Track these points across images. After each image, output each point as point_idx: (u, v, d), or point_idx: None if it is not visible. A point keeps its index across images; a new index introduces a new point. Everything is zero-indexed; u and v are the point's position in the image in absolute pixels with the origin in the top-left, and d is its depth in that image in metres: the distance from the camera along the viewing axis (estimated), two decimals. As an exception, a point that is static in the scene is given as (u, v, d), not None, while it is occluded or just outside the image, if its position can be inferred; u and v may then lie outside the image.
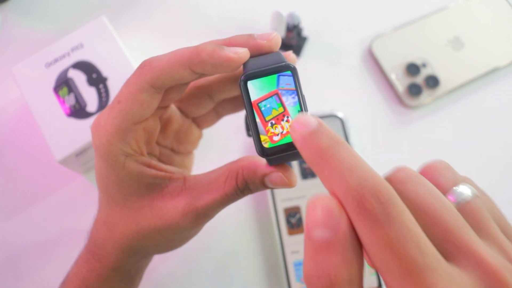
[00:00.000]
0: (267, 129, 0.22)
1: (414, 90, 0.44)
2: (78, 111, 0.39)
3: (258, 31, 0.48)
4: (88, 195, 0.41)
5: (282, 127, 0.22)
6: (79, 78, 0.39)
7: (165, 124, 0.30)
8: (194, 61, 0.24)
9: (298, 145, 0.18)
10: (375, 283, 0.38)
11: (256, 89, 0.22)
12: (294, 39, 0.46)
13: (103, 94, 0.39)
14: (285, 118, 0.22)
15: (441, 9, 0.48)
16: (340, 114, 0.43)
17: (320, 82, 0.46)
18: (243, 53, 0.24)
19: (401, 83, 0.45)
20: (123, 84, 0.26)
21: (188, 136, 0.32)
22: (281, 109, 0.22)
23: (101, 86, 0.39)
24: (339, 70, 0.47)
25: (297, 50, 0.47)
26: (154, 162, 0.28)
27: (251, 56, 0.24)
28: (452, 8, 0.48)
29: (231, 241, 0.41)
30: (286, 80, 0.22)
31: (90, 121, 0.38)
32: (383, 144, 0.44)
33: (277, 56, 0.23)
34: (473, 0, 0.48)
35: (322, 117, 0.43)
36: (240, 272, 0.40)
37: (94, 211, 0.32)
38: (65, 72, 0.40)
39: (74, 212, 0.41)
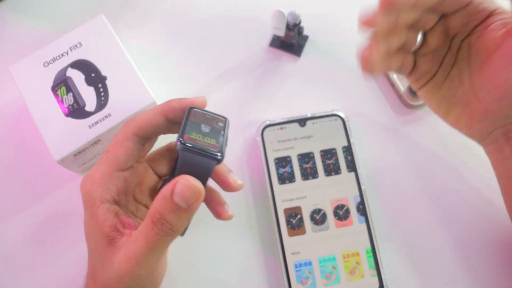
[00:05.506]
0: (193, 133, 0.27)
1: (416, 90, 0.44)
2: (77, 110, 0.38)
3: (258, 30, 0.48)
4: (86, 196, 0.41)
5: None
6: (77, 77, 0.39)
7: (141, 179, 0.33)
8: (166, 109, 0.30)
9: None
10: (376, 285, 0.38)
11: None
12: (294, 38, 0.46)
13: (102, 94, 0.39)
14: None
15: (443, 8, 0.48)
16: (341, 114, 0.43)
17: (321, 81, 0.46)
18: (202, 97, 0.31)
19: (402, 82, 0.44)
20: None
21: None
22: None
23: (99, 85, 0.39)
24: (340, 68, 0.46)
25: (298, 49, 0.47)
26: (121, 212, 0.29)
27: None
28: (454, 6, 0.48)
29: (231, 242, 0.40)
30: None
31: (88, 121, 0.38)
32: (385, 143, 0.44)
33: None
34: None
35: (323, 116, 0.43)
36: (240, 273, 0.39)
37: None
38: (63, 71, 0.39)
39: (72, 213, 0.41)
